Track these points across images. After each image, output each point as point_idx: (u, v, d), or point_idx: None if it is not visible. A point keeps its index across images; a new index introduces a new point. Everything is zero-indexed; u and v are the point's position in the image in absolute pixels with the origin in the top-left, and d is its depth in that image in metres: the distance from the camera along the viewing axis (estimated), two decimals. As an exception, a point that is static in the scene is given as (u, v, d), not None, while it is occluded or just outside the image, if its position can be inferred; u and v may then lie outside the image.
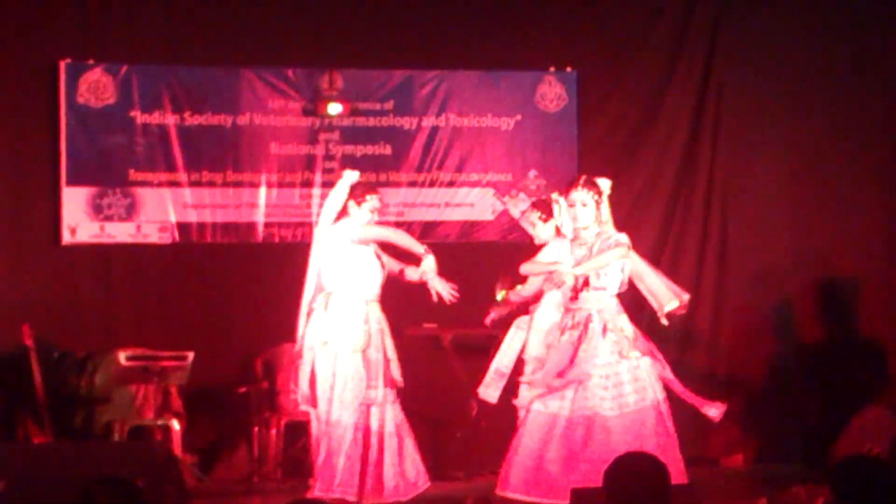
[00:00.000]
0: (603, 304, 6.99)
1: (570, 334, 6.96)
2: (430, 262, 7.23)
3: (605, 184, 7.24)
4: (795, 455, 9.60)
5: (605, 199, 7.19)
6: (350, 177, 7.32)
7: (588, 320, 6.95)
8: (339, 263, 7.18)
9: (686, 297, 7.45)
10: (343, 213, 7.35)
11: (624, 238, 7.03)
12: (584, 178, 7.22)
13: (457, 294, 7.31)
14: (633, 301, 7.54)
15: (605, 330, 6.93)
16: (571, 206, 7.09)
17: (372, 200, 7.29)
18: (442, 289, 7.28)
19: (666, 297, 7.34)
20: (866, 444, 8.17)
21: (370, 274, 7.21)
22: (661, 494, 3.90)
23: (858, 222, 9.73)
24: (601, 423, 6.88)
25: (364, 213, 7.25)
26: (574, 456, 6.87)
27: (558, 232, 7.65)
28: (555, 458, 6.88)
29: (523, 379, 7.53)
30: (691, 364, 10.11)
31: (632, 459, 4.19)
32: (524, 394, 7.47)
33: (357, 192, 7.31)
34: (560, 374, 6.89)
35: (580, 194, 7.08)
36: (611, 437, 6.84)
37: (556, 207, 7.57)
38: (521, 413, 7.33)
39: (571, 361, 6.89)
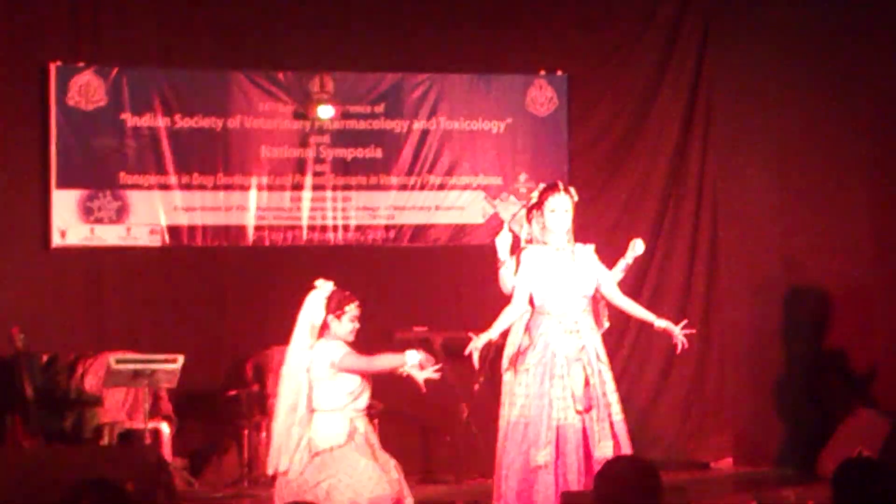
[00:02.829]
0: None
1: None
2: (412, 358, 6.91)
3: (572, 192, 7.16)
4: (785, 458, 9.61)
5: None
6: (325, 289, 6.85)
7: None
8: (327, 385, 6.79)
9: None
10: (324, 327, 6.87)
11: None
12: (562, 184, 7.17)
13: (439, 373, 7.04)
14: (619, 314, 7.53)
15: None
16: (553, 211, 7.03)
17: (351, 310, 6.81)
18: (422, 377, 6.98)
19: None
20: (856, 448, 8.19)
21: (359, 392, 6.89)
22: (651, 498, 3.89)
23: (849, 227, 9.73)
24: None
25: (345, 326, 6.80)
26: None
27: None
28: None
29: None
30: (681, 369, 10.13)
31: (622, 463, 4.18)
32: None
33: (333, 305, 6.81)
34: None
35: (565, 200, 7.03)
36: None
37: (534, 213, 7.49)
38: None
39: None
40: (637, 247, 7.46)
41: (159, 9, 9.67)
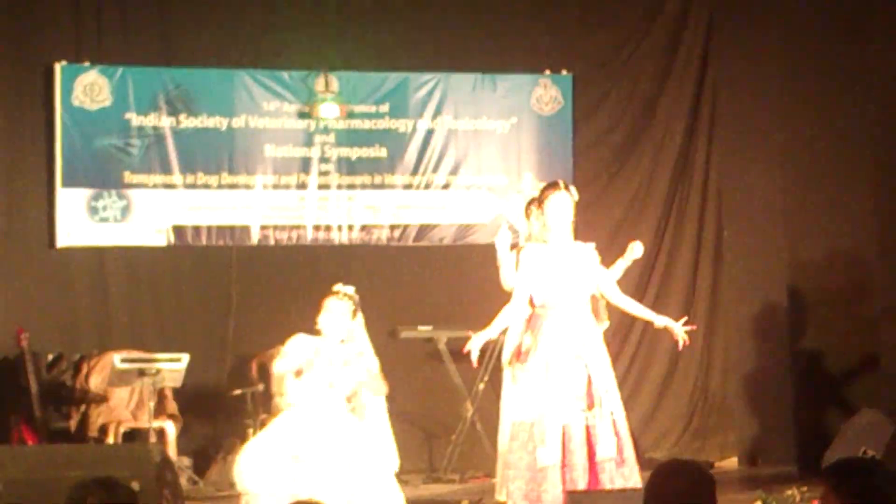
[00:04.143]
0: None
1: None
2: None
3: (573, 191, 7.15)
4: (790, 458, 9.60)
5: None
6: None
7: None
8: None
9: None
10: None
11: None
12: (562, 182, 7.16)
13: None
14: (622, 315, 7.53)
15: None
16: (553, 209, 7.02)
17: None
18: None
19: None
20: (860, 447, 8.17)
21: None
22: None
23: (853, 227, 9.72)
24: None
25: None
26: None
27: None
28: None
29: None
30: (686, 368, 10.13)
31: (678, 467, 3.99)
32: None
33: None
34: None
35: (565, 199, 7.03)
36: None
37: (532, 210, 7.50)
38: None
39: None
40: (636, 250, 7.47)
41: (164, 8, 9.68)
